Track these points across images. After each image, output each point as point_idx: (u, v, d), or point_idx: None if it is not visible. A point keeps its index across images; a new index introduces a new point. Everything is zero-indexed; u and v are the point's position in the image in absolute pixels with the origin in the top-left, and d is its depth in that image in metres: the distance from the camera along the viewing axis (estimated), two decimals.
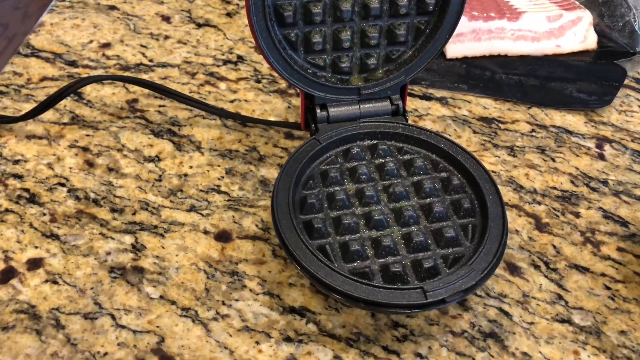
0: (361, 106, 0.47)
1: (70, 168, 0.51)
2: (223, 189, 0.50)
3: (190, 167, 0.51)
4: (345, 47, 0.45)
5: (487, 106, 0.58)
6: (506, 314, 0.42)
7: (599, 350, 0.40)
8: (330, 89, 0.47)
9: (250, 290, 0.43)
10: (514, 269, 0.44)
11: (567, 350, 0.40)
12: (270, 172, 0.51)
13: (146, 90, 0.58)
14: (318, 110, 0.47)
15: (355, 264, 0.39)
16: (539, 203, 0.49)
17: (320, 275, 0.37)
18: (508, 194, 0.50)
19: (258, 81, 0.60)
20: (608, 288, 0.44)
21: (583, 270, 0.45)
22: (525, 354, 0.40)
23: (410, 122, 0.52)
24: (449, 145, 0.45)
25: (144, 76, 0.60)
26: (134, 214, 0.48)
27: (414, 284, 0.38)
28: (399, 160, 0.45)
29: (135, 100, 0.57)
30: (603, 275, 0.44)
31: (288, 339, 0.40)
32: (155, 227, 0.47)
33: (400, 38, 0.46)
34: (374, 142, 0.47)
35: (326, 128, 0.47)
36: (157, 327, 0.41)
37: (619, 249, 0.46)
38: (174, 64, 0.61)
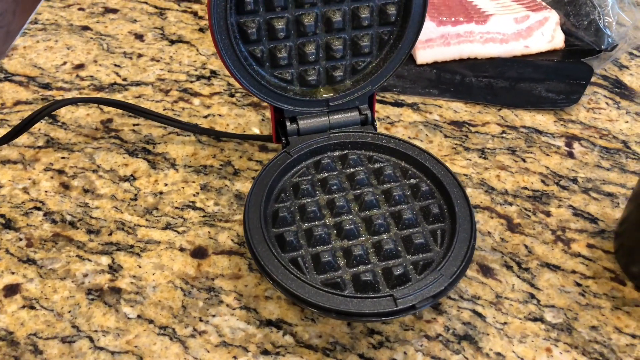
0: (330, 117, 0.48)
1: (46, 191, 0.51)
2: (198, 205, 0.50)
3: (165, 184, 0.52)
4: (311, 60, 0.46)
5: (458, 110, 0.59)
6: (480, 315, 0.43)
7: (571, 346, 0.41)
8: (298, 102, 0.47)
9: (227, 305, 0.43)
10: (486, 271, 0.45)
11: (540, 348, 0.41)
12: (245, 186, 0.52)
13: (120, 110, 0.58)
14: (288, 124, 0.47)
15: (327, 274, 0.40)
16: (511, 204, 0.50)
17: (293, 289, 0.38)
18: (480, 197, 0.51)
19: (232, 95, 0.60)
20: (579, 285, 0.44)
21: (554, 268, 0.45)
22: (499, 354, 0.40)
23: (382, 129, 0.53)
24: (417, 152, 0.46)
25: (118, 95, 0.60)
26: (110, 234, 0.48)
27: (384, 292, 0.38)
28: (369, 169, 0.46)
29: (110, 120, 0.58)
30: (574, 272, 0.45)
31: (265, 352, 0.41)
32: (132, 246, 0.47)
33: (364, 49, 0.46)
34: (344, 152, 0.47)
35: (297, 140, 0.47)
36: (136, 346, 0.41)
37: (589, 246, 0.47)
38: (147, 81, 0.62)
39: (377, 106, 0.59)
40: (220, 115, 0.58)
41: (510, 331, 0.42)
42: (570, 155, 0.55)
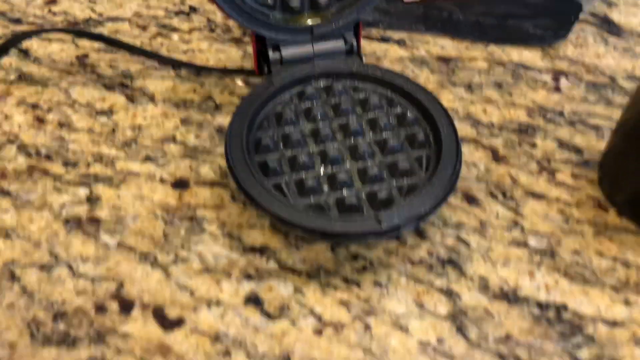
0: (314, 46, 0.46)
1: (19, 125, 0.49)
2: (179, 138, 0.49)
3: (144, 118, 0.50)
4: None
5: (445, 46, 0.58)
6: (464, 241, 0.42)
7: (553, 269, 0.41)
8: (281, 29, 0.46)
9: (210, 233, 0.43)
10: (471, 200, 0.45)
11: (523, 271, 0.41)
12: (227, 120, 0.50)
13: (96, 45, 0.56)
14: (270, 52, 0.46)
15: (311, 199, 0.39)
16: (496, 136, 0.50)
17: (278, 211, 0.37)
18: (466, 129, 0.50)
19: (212, 30, 0.59)
20: (562, 212, 0.44)
21: (539, 196, 0.45)
22: (482, 277, 0.40)
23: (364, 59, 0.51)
24: (403, 81, 0.45)
25: (94, 31, 0.58)
26: (87, 166, 0.47)
27: (369, 213, 0.38)
28: (354, 99, 0.45)
29: (85, 56, 0.56)
30: (558, 200, 0.45)
31: (249, 277, 0.40)
32: (110, 178, 0.46)
33: None
34: (329, 82, 0.46)
35: (280, 69, 0.46)
36: (116, 273, 0.40)
37: (574, 175, 0.47)
38: (124, 17, 0.60)
39: (363, 42, 0.57)
40: (200, 50, 0.57)
41: (494, 256, 0.42)
42: (557, 89, 0.54)
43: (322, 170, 0.41)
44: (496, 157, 0.48)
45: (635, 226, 0.43)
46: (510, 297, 0.40)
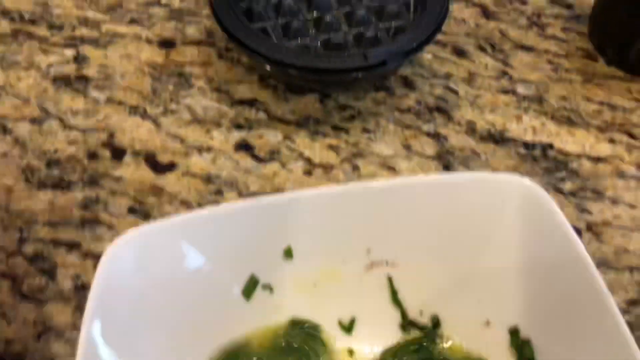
0: None
1: None
2: (164, 1, 0.48)
3: None
4: None
5: None
6: (452, 90, 0.43)
7: (540, 113, 0.41)
8: None
9: (198, 88, 0.43)
10: (460, 52, 0.45)
11: (510, 115, 0.41)
12: None
13: None
14: None
15: (298, 40, 0.39)
16: None
17: (261, 51, 0.37)
18: None
19: None
20: (551, 63, 0.44)
21: (528, 49, 0.45)
22: (470, 121, 0.41)
23: None
24: None
25: None
26: (73, 29, 0.46)
27: (355, 50, 0.38)
28: None
29: None
30: (547, 52, 0.45)
31: (239, 126, 0.41)
32: (97, 39, 0.45)
33: None
34: None
35: None
36: (107, 124, 0.41)
37: (564, 29, 0.46)
38: None
39: None
40: None
41: (482, 102, 0.42)
42: None
43: (308, 15, 0.40)
44: (486, 13, 0.47)
45: (623, 73, 0.43)
46: (497, 138, 0.40)
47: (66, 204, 0.37)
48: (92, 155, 0.39)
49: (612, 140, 0.40)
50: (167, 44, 0.45)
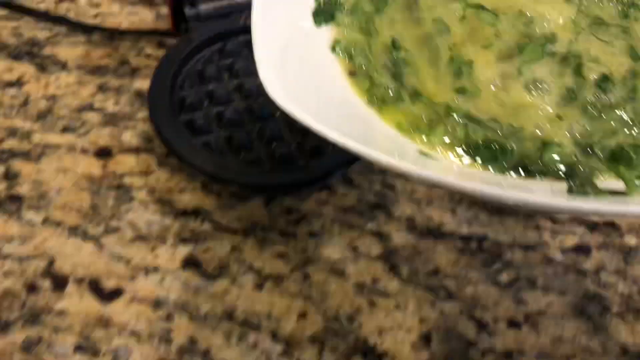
0: (233, 0, 0.46)
1: None
2: (97, 106, 0.47)
3: (58, 87, 0.48)
4: None
5: None
6: (389, 186, 0.44)
7: (472, 203, 0.44)
8: None
9: (140, 200, 0.42)
10: None
11: (445, 209, 0.43)
12: (146, 84, 0.49)
13: None
14: (187, 9, 0.45)
15: (242, 154, 0.39)
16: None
17: (207, 169, 0.37)
18: None
19: None
20: None
21: None
22: (409, 217, 0.43)
23: None
24: None
25: None
26: (0, 142, 0.44)
27: (300, 162, 0.39)
28: None
29: None
30: None
31: (184, 240, 0.40)
32: (28, 152, 0.44)
33: None
34: (250, 37, 0.46)
35: (198, 26, 0.45)
36: (45, 250, 0.39)
37: None
38: None
39: None
40: (111, 14, 0.54)
41: (419, 196, 0.44)
42: None
43: (251, 126, 0.41)
44: None
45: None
46: (436, 233, 0.42)
47: (5, 348, 0.35)
48: (31, 288, 0.38)
49: (537, 227, 0.43)
50: (103, 154, 0.45)
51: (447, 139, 0.26)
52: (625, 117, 0.26)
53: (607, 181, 0.24)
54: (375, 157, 0.22)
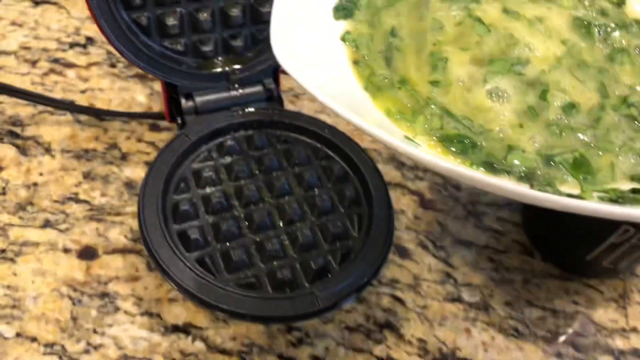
0: (232, 93, 0.43)
1: None
2: (82, 196, 0.44)
3: (40, 174, 0.44)
4: (206, 28, 0.41)
5: None
6: (399, 300, 0.41)
7: (488, 324, 0.41)
8: (194, 76, 0.42)
9: (125, 312, 0.38)
10: (403, 252, 0.44)
11: (460, 329, 0.40)
12: (137, 172, 0.46)
13: None
14: (183, 101, 0.42)
15: (240, 273, 0.36)
16: (421, 179, 0.49)
17: (201, 294, 0.34)
18: (391, 173, 0.49)
19: (113, 65, 0.53)
20: (492, 260, 0.44)
21: (468, 244, 0.45)
22: (421, 340, 0.39)
23: (287, 103, 0.49)
24: (326, 130, 0.43)
25: None
26: None
27: (304, 288, 0.35)
28: (277, 151, 0.42)
29: None
30: (486, 247, 0.45)
31: None
32: (3, 251, 0.40)
33: (266, 16, 0.41)
34: (250, 132, 0.43)
35: (195, 120, 0.42)
36: None
37: (499, 219, 0.47)
38: (9, 50, 0.52)
39: (281, 77, 0.54)
40: (100, 89, 0.51)
41: (431, 314, 0.41)
42: None
43: (250, 237, 0.37)
44: (423, 202, 0.47)
45: (560, 271, 0.44)
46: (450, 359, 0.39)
47: None
48: None
49: (559, 355, 0.40)
50: (87, 254, 0.41)
51: (426, 127, 0.29)
52: (585, 139, 0.29)
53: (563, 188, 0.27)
54: (375, 131, 0.25)
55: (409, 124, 0.28)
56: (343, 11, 0.33)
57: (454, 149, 0.27)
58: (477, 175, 0.25)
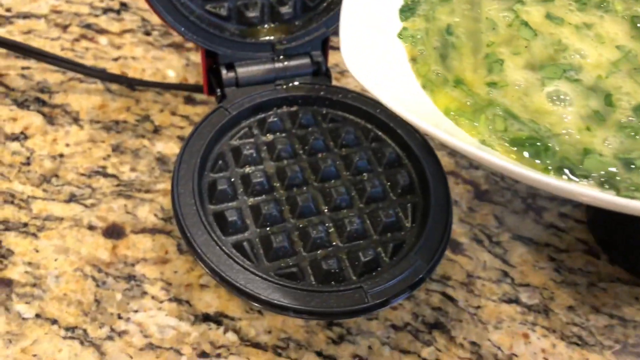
0: (276, 65, 0.39)
1: None
2: (110, 171, 0.41)
3: (67, 145, 0.42)
4: None
5: None
6: (451, 299, 0.37)
7: (549, 330, 0.37)
8: (236, 44, 0.38)
9: (153, 297, 0.35)
10: (455, 246, 0.40)
11: (517, 334, 0.36)
12: (169, 147, 0.42)
13: (3, 49, 0.46)
14: (224, 72, 0.38)
15: (281, 262, 0.32)
16: (477, 168, 0.45)
17: (239, 283, 0.30)
18: (443, 159, 0.44)
19: (147, 33, 0.50)
20: (553, 259, 0.40)
21: (527, 241, 0.41)
22: (473, 343, 0.36)
23: (333, 81, 0.45)
24: (379, 109, 0.39)
25: (0, 30, 0.48)
26: None
27: (351, 282, 0.32)
28: (324, 130, 0.38)
29: None
30: (547, 245, 0.41)
31: (203, 355, 0.33)
32: (25, 225, 0.37)
33: None
34: (294, 108, 0.39)
35: (235, 93, 0.38)
36: (34, 355, 0.32)
37: (561, 215, 0.43)
38: (39, 14, 0.50)
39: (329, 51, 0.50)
40: (133, 58, 0.48)
41: (485, 316, 0.37)
42: None
43: (292, 223, 0.34)
44: (478, 193, 0.43)
45: (630, 276, 0.40)
46: None
47: None
48: None
49: None
50: (114, 233, 0.38)
51: (490, 128, 0.28)
52: None
53: None
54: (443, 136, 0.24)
55: (470, 124, 0.28)
56: (409, 11, 0.33)
57: (526, 153, 0.26)
58: (570, 187, 0.24)
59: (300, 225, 0.34)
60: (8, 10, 0.49)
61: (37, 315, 0.34)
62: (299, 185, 0.35)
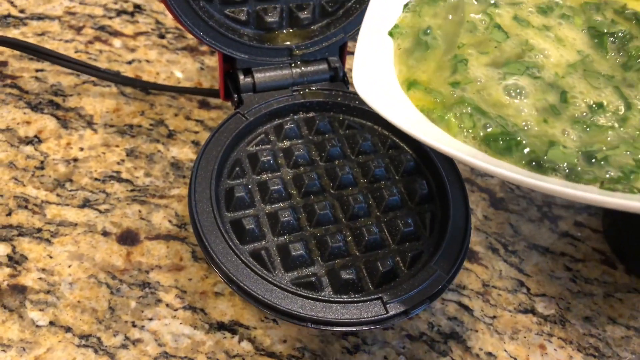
0: (294, 70, 0.39)
1: None
2: (124, 175, 0.40)
3: (81, 149, 0.41)
4: None
5: None
6: (467, 308, 0.37)
7: (565, 341, 0.36)
8: (254, 49, 0.38)
9: (167, 305, 0.35)
10: (471, 255, 0.40)
11: (533, 345, 0.36)
12: (183, 152, 0.42)
13: (18, 51, 0.46)
14: (241, 77, 0.38)
15: (299, 271, 0.32)
16: (492, 176, 0.44)
17: (256, 292, 0.30)
18: (458, 166, 0.44)
19: (162, 36, 0.49)
20: (569, 269, 0.40)
21: (542, 250, 0.41)
22: (489, 354, 0.35)
23: (350, 87, 0.45)
24: None
25: (14, 32, 0.47)
26: (8, 214, 0.37)
27: (369, 292, 0.31)
28: (340, 137, 0.38)
29: (4, 64, 0.45)
30: (563, 254, 0.41)
31: None
32: (39, 230, 0.37)
33: None
34: (311, 114, 0.39)
35: (252, 99, 0.38)
36: None
37: (577, 224, 0.42)
38: (53, 15, 0.49)
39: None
40: (147, 61, 0.48)
41: (501, 326, 0.37)
42: None
43: (309, 231, 0.34)
44: (494, 201, 0.43)
45: None
46: None
47: None
48: None
49: None
50: (128, 239, 0.37)
51: (461, 126, 0.28)
52: (622, 135, 0.28)
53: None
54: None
55: (445, 124, 0.28)
56: (405, 7, 0.34)
57: (497, 149, 0.27)
58: (547, 185, 0.24)
59: (318, 234, 0.34)
60: (22, 11, 0.49)
61: (51, 323, 0.33)
62: (316, 193, 0.35)
